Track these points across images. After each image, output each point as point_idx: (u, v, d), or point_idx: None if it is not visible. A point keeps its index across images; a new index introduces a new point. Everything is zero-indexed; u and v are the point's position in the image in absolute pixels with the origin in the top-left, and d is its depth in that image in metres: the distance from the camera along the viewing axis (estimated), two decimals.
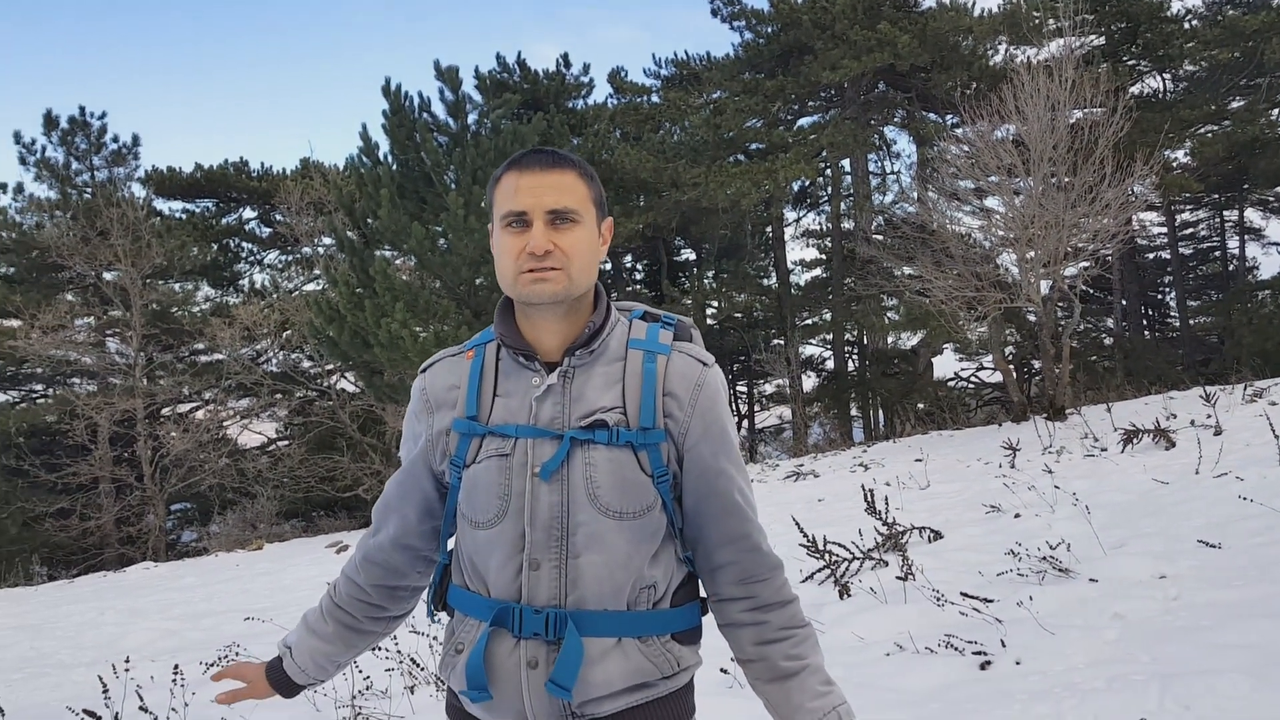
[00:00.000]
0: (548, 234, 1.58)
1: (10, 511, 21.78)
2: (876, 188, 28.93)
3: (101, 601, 11.37)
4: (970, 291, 16.52)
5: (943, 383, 27.89)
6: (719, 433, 1.65)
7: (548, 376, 1.63)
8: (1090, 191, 15.27)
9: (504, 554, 1.61)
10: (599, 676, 1.57)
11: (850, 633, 4.89)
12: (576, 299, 1.64)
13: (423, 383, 1.76)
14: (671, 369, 1.64)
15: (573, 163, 1.65)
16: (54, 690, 5.86)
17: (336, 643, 1.84)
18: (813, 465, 15.74)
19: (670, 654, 1.63)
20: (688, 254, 35.43)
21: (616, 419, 1.60)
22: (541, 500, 1.59)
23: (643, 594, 1.61)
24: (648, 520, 1.61)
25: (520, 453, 1.61)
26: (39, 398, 28.66)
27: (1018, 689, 3.69)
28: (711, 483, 1.65)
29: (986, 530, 7.16)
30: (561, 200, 1.60)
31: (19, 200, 27.00)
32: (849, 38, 23.44)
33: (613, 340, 1.67)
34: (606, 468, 1.59)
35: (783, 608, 1.70)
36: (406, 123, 16.06)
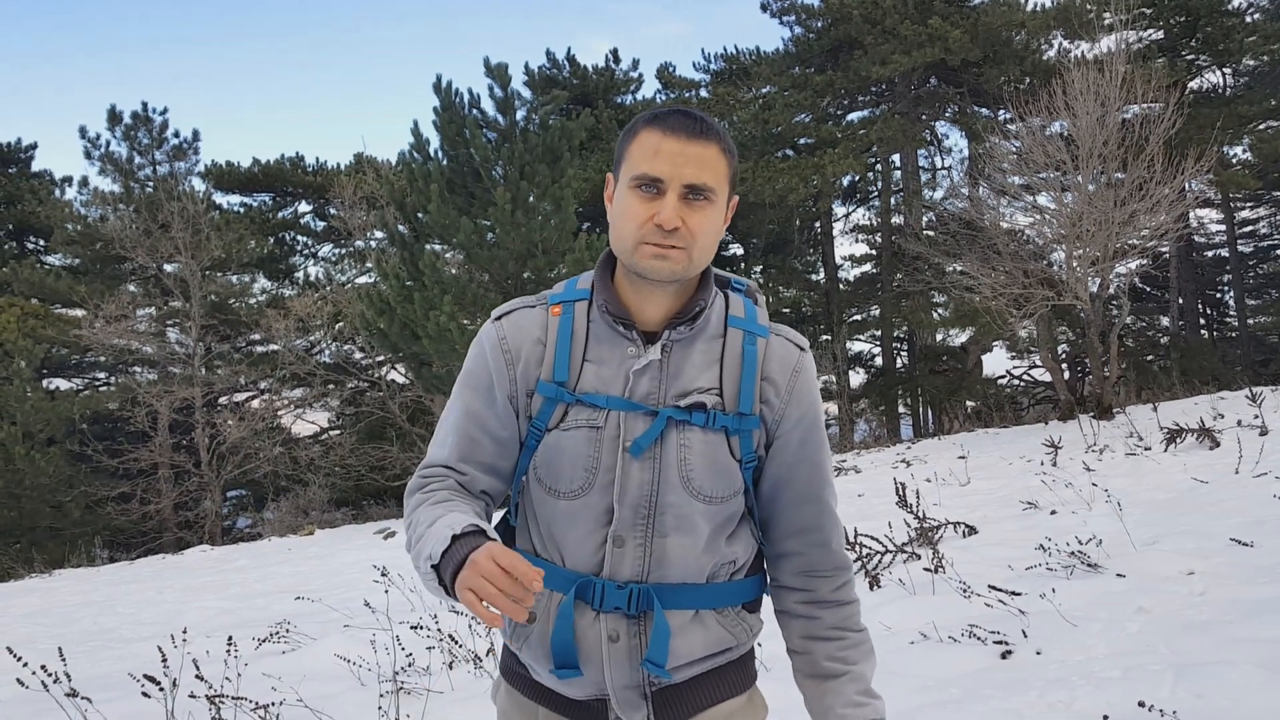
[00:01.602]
0: (680, 209, 1.49)
1: (74, 495, 22.47)
2: (927, 183, 28.75)
3: (160, 581, 11.78)
4: (1018, 288, 16.42)
5: (993, 380, 27.65)
6: (811, 421, 1.62)
7: (647, 350, 1.56)
8: (1141, 189, 15.11)
9: (587, 527, 1.56)
10: (681, 648, 1.56)
11: (878, 622, 4.99)
12: (698, 275, 1.58)
13: (500, 331, 1.63)
14: (770, 353, 1.60)
15: (718, 134, 1.54)
16: (116, 662, 6.15)
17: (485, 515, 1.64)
18: (855, 461, 15.76)
19: (744, 622, 1.64)
20: (735, 249, 35.46)
21: (714, 401, 1.55)
22: (632, 477, 1.53)
23: (724, 569, 1.60)
24: (732, 504, 1.58)
25: (612, 425, 1.54)
26: (102, 385, 29.52)
27: (1035, 677, 3.78)
28: (794, 471, 1.62)
29: (1021, 526, 7.20)
30: (702, 176, 1.50)
31: (84, 193, 27.82)
32: (899, 32, 23.32)
33: (713, 316, 1.60)
34: (701, 450, 1.54)
35: (838, 608, 1.66)
36: (456, 119, 16.32)
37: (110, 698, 4.61)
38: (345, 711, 4.36)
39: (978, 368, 27.23)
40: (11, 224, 31.41)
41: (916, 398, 28.88)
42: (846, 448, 21.36)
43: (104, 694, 4.64)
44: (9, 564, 18.58)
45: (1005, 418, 20.04)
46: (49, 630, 8.49)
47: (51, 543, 21.11)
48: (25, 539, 21.23)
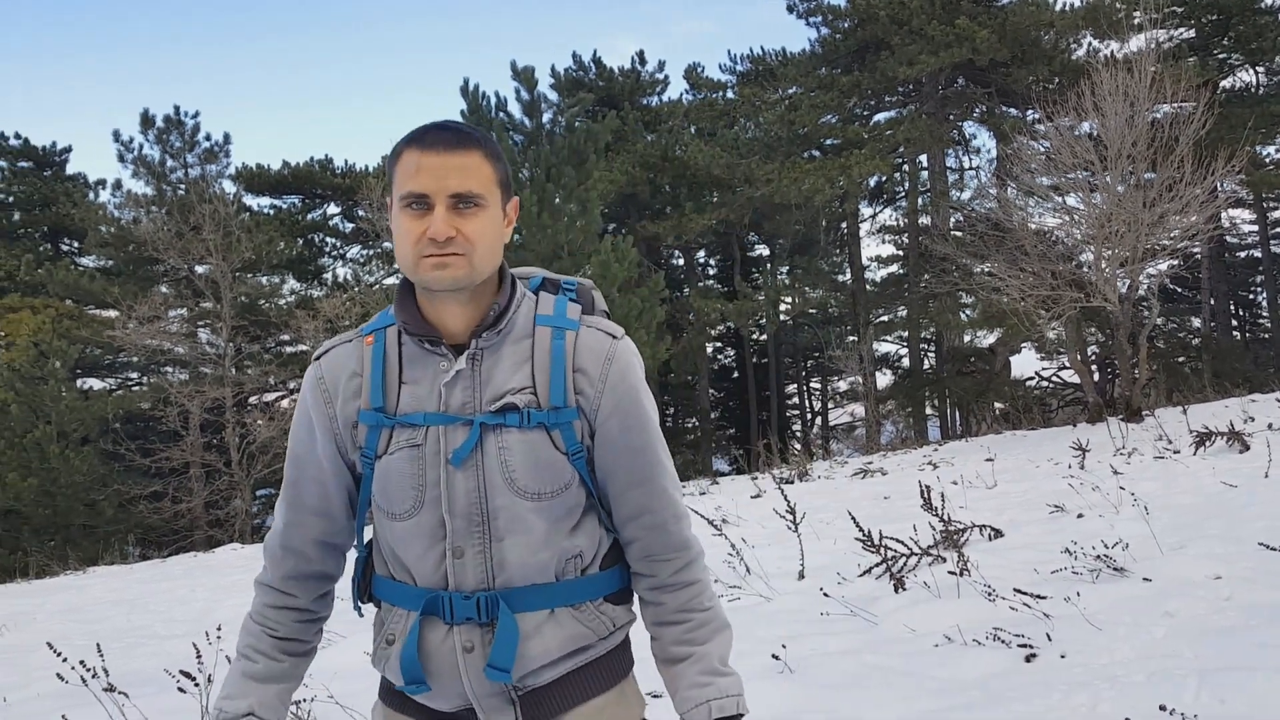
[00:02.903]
0: (450, 219, 1.51)
1: (107, 494, 22.79)
2: (954, 184, 28.60)
3: (191, 579, 11.94)
4: (1046, 290, 16.33)
5: (1021, 382, 27.49)
6: (629, 406, 1.62)
7: (456, 361, 1.59)
8: (1170, 189, 14.99)
9: (425, 543, 1.58)
10: (536, 649, 1.58)
11: (902, 625, 5.01)
12: (488, 280, 1.60)
13: (318, 371, 1.68)
14: (581, 344, 1.61)
15: (478, 141, 1.56)
16: (150, 659, 6.26)
17: (294, 675, 1.73)
18: (881, 463, 15.73)
19: (604, 615, 1.64)
20: (761, 249, 35.45)
21: (527, 400, 1.58)
22: (458, 488, 1.56)
23: (569, 564, 1.61)
24: (565, 497, 1.60)
25: (433, 441, 1.57)
26: (135, 385, 29.93)
27: (1059, 680, 3.79)
28: (619, 457, 1.63)
29: (1048, 530, 7.18)
30: (465, 184, 1.52)
31: (117, 196, 28.19)
32: (927, 33, 23.25)
33: (519, 317, 1.63)
34: (520, 450, 1.56)
35: (681, 590, 1.67)
36: (483, 122, 16.44)
37: (146, 693, 4.71)
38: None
39: (1005, 369, 27.07)
40: (46, 226, 31.90)
41: (944, 399, 28.76)
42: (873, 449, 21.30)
43: (140, 689, 4.74)
44: (44, 561, 18.86)
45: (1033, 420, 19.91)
46: (83, 627, 8.64)
47: (85, 541, 21.42)
48: (60, 537, 21.56)
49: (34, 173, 32.05)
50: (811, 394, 39.96)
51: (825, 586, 5.89)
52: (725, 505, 12.01)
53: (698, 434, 32.58)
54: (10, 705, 5.29)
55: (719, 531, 7.36)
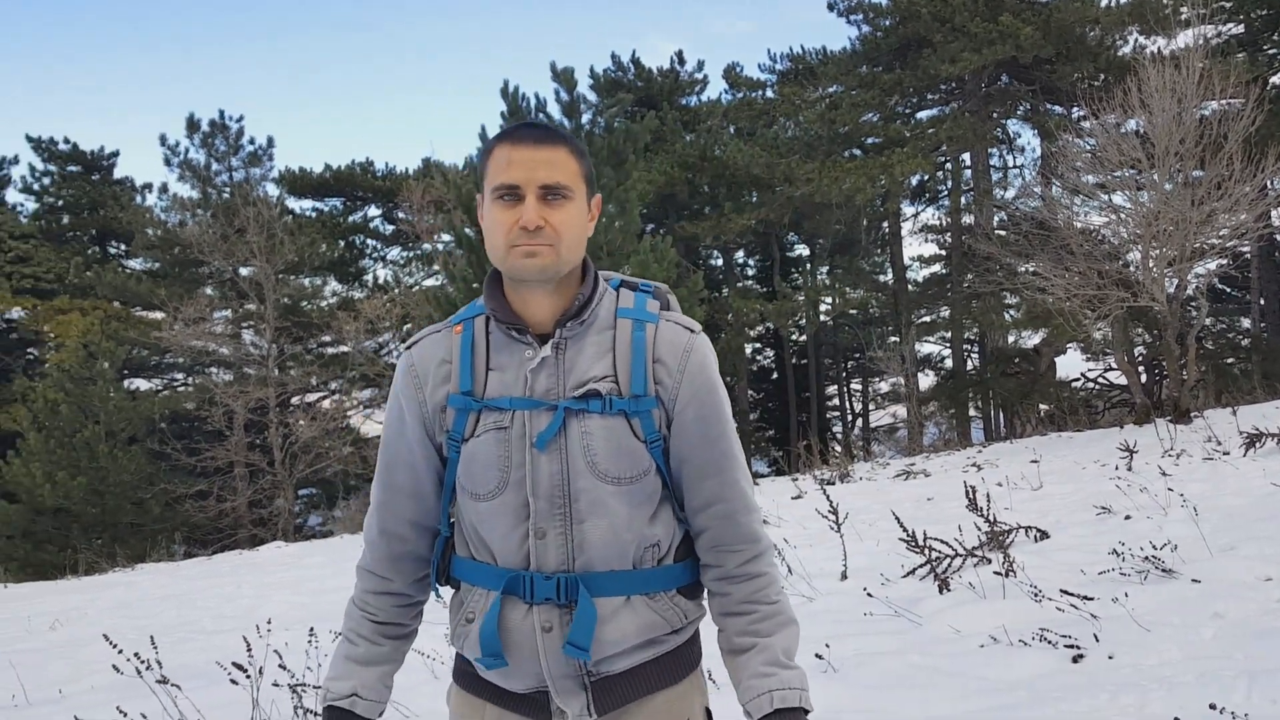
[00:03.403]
0: (539, 209, 1.59)
1: (154, 492, 23.19)
2: (998, 182, 28.31)
3: (237, 576, 12.11)
4: (1092, 289, 16.10)
5: (1066, 383, 27.12)
6: (705, 397, 1.67)
7: (541, 349, 1.65)
8: (1219, 187, 14.73)
9: (508, 524, 1.64)
10: (612, 634, 1.62)
11: (947, 626, 4.98)
12: (573, 271, 1.66)
13: (410, 359, 1.75)
14: (660, 337, 1.67)
15: (565, 138, 1.65)
16: (200, 653, 6.37)
17: (395, 658, 1.80)
18: (924, 465, 15.59)
19: (678, 607, 1.69)
20: (801, 249, 35.29)
21: (609, 388, 1.63)
22: (541, 470, 1.62)
23: (647, 552, 1.66)
24: (644, 484, 1.65)
25: (518, 424, 1.63)
26: (180, 386, 30.44)
27: (1107, 680, 3.75)
28: (694, 447, 1.67)
29: (1095, 531, 7.09)
30: (554, 175, 1.60)
31: (164, 199, 28.73)
32: (969, 30, 23.04)
33: (601, 310, 1.68)
34: (602, 435, 1.62)
35: (747, 581, 1.69)
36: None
37: (197, 686, 4.79)
38: (420, 704, 4.47)
39: (1050, 370, 26.74)
40: (95, 229, 32.53)
41: (987, 401, 28.46)
42: (915, 451, 21.14)
43: (191, 682, 4.82)
44: (93, 558, 19.23)
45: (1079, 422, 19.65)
46: (134, 622, 8.80)
47: (133, 538, 21.81)
48: (108, 534, 21.96)
49: (82, 177, 32.70)
50: (852, 395, 39.70)
51: (868, 587, 5.86)
52: (766, 506, 11.97)
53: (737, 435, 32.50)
54: (66, 697, 5.41)
55: None
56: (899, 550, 6.82)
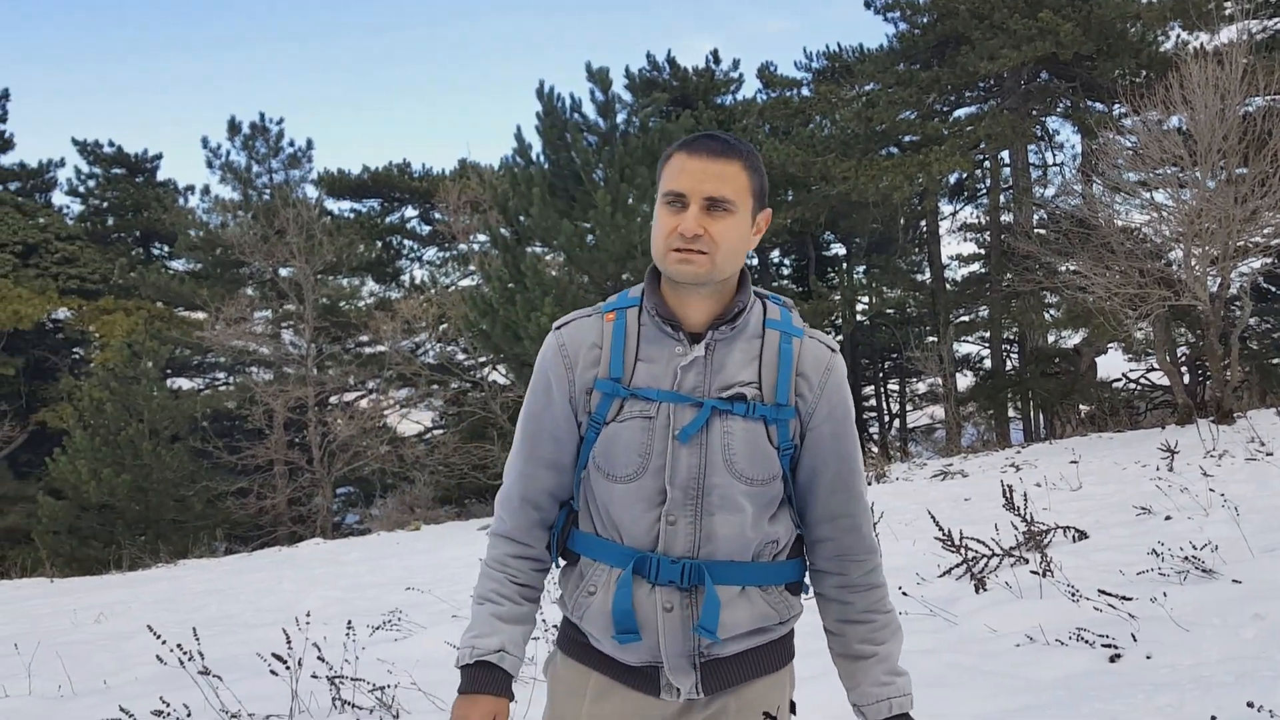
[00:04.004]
0: (701, 218, 1.67)
1: (196, 489, 23.53)
2: (1038, 180, 27.96)
3: (277, 572, 12.27)
4: (1133, 288, 15.89)
5: (1107, 384, 26.75)
6: (841, 415, 1.77)
7: (693, 348, 1.72)
8: (1264, 184, 14.48)
9: (642, 507, 1.72)
10: (729, 620, 1.72)
11: (983, 625, 4.95)
12: (729, 279, 1.74)
13: (560, 339, 1.81)
14: (805, 351, 1.76)
15: (740, 152, 1.71)
16: (241, 646, 6.48)
17: (532, 620, 1.88)
18: (962, 465, 15.47)
19: (785, 601, 1.79)
20: (837, 249, 35.08)
21: (753, 393, 1.72)
22: (681, 461, 1.70)
23: (767, 548, 1.76)
24: (772, 487, 1.74)
25: (663, 416, 1.71)
26: (222, 385, 30.83)
27: (1144, 680, 3.71)
28: (827, 460, 1.77)
29: (1135, 532, 7.02)
30: (720, 189, 1.67)
31: (206, 201, 29.15)
32: (1008, 26, 22.78)
33: (751, 318, 1.77)
34: (742, 437, 1.71)
35: (868, 591, 1.82)
36: (558, 123, 16.59)
37: (238, 677, 4.87)
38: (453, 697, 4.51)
39: (1091, 370, 26.38)
40: (139, 231, 33.05)
41: (1027, 401, 28.14)
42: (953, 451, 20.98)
43: (232, 673, 4.91)
44: (137, 554, 19.56)
45: (1120, 422, 19.40)
46: (177, 616, 8.95)
47: (175, 535, 22.14)
48: (151, 531, 22.32)
49: (127, 179, 33.23)
50: (889, 396, 39.39)
51: (904, 586, 5.83)
52: None
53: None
54: (110, 688, 5.52)
55: None
56: (935, 550, 6.79)
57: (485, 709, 1.76)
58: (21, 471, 26.74)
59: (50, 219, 30.30)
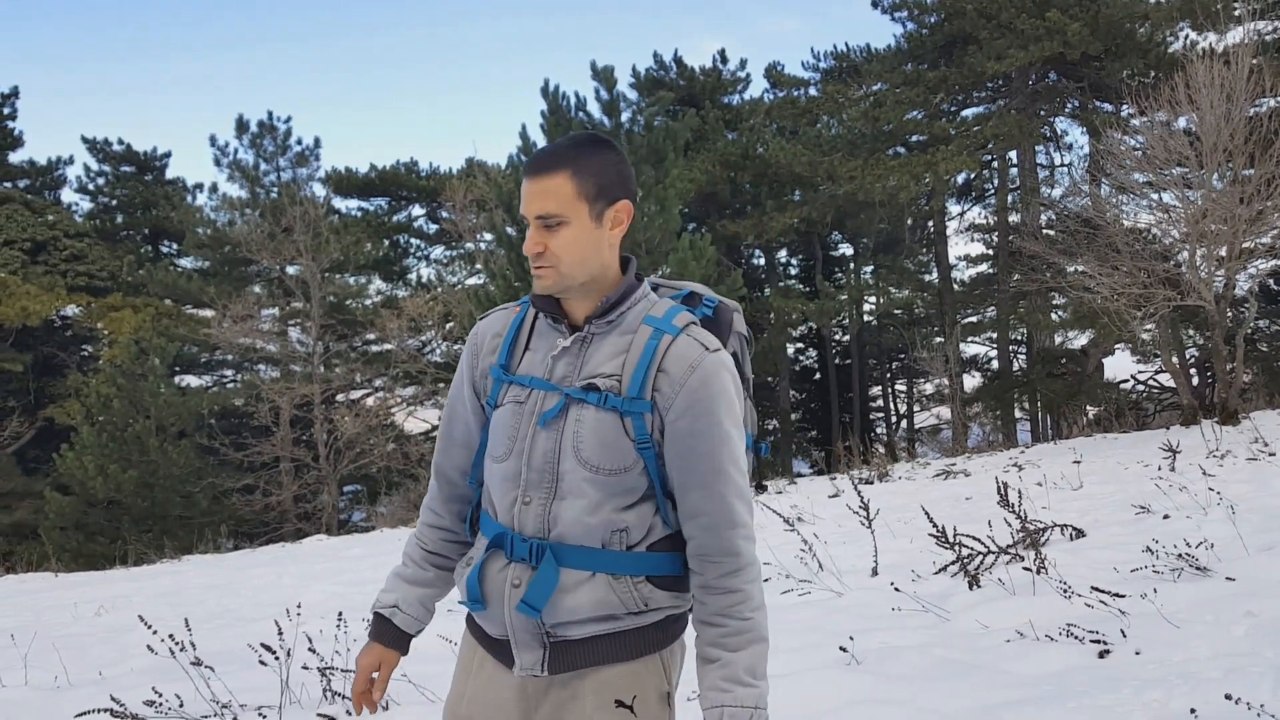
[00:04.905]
0: (539, 236, 1.76)
1: (202, 486, 23.60)
2: (1045, 180, 27.89)
3: (279, 567, 12.30)
4: (1138, 289, 15.84)
5: (1115, 385, 26.66)
6: (701, 412, 1.74)
7: (568, 339, 1.82)
8: (1269, 185, 14.42)
9: (507, 487, 1.81)
10: (569, 603, 1.74)
11: (975, 621, 4.95)
12: (594, 279, 1.79)
13: (477, 329, 1.96)
14: (674, 349, 1.76)
15: (565, 161, 1.75)
16: (238, 640, 6.48)
17: (437, 584, 2.01)
18: (965, 465, 15.44)
19: (638, 593, 1.76)
20: (844, 248, 35.06)
21: (608, 385, 1.76)
22: (539, 445, 1.78)
23: (615, 536, 1.76)
24: (625, 478, 1.75)
25: (532, 402, 1.81)
26: (229, 382, 30.95)
27: (1132, 676, 3.71)
28: (684, 457, 1.76)
29: (1132, 531, 6.99)
30: (545, 206, 1.74)
31: (214, 199, 29.23)
32: (1016, 26, 22.75)
33: (631, 314, 1.81)
34: (592, 426, 1.75)
35: (723, 594, 1.76)
36: (563, 122, 16.60)
37: (233, 669, 4.89)
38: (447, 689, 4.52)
39: (1098, 371, 26.30)
40: (147, 228, 33.20)
41: (1034, 402, 28.07)
42: (958, 452, 20.93)
43: (226, 666, 4.93)
44: (142, 550, 19.63)
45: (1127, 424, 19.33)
46: (177, 610, 8.97)
47: (181, 531, 22.20)
48: (157, 527, 22.39)
49: (136, 177, 33.37)
50: (896, 396, 39.38)
51: (898, 583, 5.83)
52: (801, 504, 11.94)
53: (778, 435, 32.38)
54: (106, 679, 5.54)
55: (791, 528, 7.34)
56: (932, 548, 6.78)
57: (373, 656, 1.97)
58: (29, 467, 26.87)
59: (59, 216, 30.43)
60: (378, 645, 1.98)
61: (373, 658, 1.97)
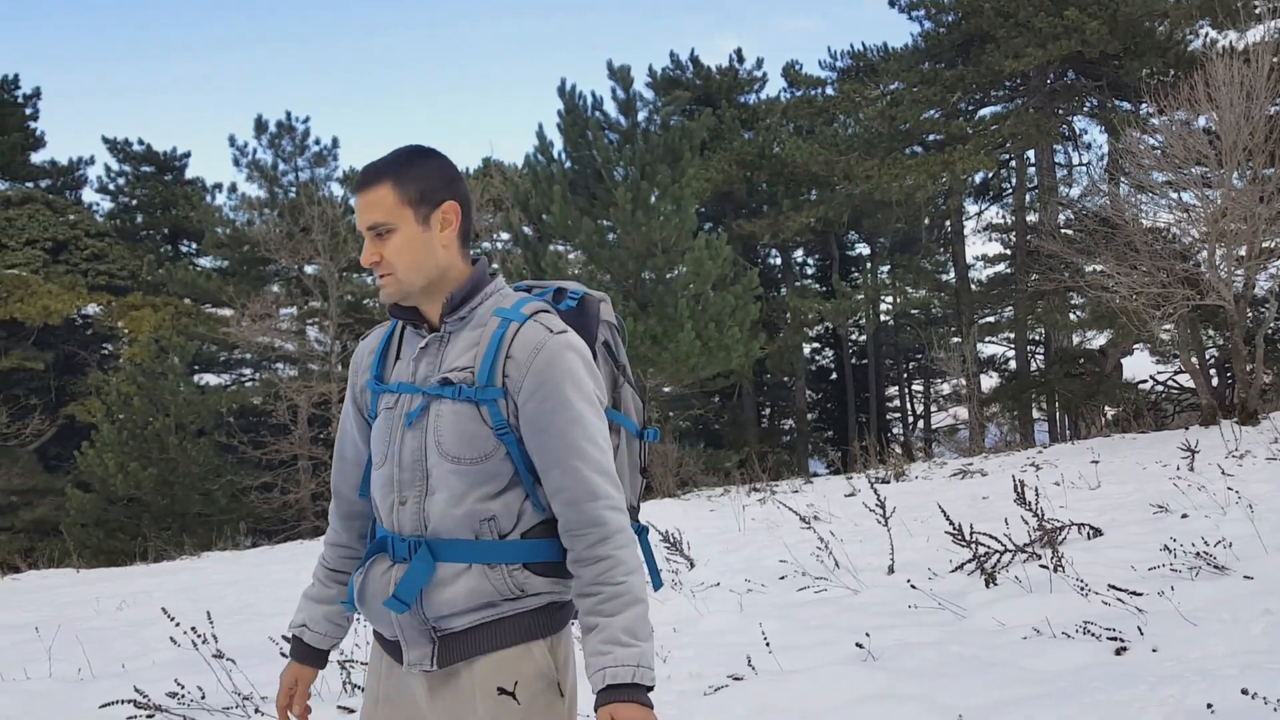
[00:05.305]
0: (374, 246, 1.82)
1: (221, 484, 23.75)
2: (1063, 180, 27.76)
3: (297, 564, 12.38)
4: (1156, 288, 15.76)
5: (1133, 385, 26.51)
6: (548, 391, 1.77)
7: (425, 339, 1.88)
8: None
9: (385, 490, 1.85)
10: (446, 595, 1.77)
11: (991, 618, 4.95)
12: (435, 281, 1.84)
13: (358, 348, 2.03)
14: (520, 335, 1.80)
15: (384, 173, 1.83)
16: (258, 633, 6.55)
17: (337, 601, 2.05)
18: (982, 465, 15.39)
19: (513, 579, 1.78)
20: (861, 248, 34.97)
21: (461, 377, 1.80)
22: (407, 445, 1.83)
23: (484, 526, 1.78)
24: (487, 466, 1.79)
25: (400, 405, 1.86)
26: (247, 381, 31.10)
27: (1149, 673, 3.71)
28: (538, 437, 1.78)
29: (1150, 530, 6.98)
30: (373, 217, 1.81)
31: (233, 199, 29.39)
32: (1034, 25, 22.64)
33: (482, 309, 1.86)
34: (450, 420, 1.79)
35: (595, 564, 1.76)
36: (580, 121, 16.64)
37: (254, 663, 4.95)
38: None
39: (1117, 371, 26.16)
40: (167, 228, 33.40)
41: (1052, 402, 27.93)
42: (975, 452, 20.85)
43: (247, 659, 4.98)
44: (162, 546, 19.77)
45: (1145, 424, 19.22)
46: (197, 604, 9.04)
47: (200, 528, 22.35)
48: (176, 524, 22.54)
49: (155, 177, 33.58)
50: (913, 396, 39.26)
51: (915, 581, 5.84)
52: (817, 503, 11.94)
53: (793, 435, 32.34)
54: (128, 672, 5.61)
55: (807, 525, 7.36)
56: (948, 546, 6.78)
57: (290, 673, 2.04)
58: (51, 464, 27.11)
59: (80, 216, 30.67)
60: (294, 663, 2.05)
61: (290, 675, 2.04)
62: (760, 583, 6.79)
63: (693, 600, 6.24)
